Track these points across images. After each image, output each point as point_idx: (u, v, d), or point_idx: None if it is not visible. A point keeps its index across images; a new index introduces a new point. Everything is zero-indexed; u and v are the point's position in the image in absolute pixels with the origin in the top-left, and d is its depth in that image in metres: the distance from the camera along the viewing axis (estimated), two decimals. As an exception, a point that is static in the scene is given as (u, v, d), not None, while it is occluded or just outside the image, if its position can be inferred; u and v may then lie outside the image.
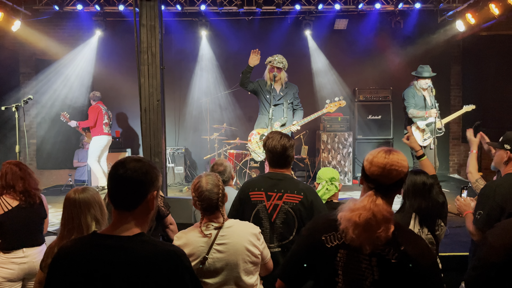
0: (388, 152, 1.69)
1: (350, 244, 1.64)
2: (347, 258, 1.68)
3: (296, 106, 5.67)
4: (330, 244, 1.71)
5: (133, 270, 1.49)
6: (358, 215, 1.61)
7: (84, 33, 8.61)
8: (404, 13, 8.27)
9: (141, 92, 4.85)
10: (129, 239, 1.55)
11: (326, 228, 1.74)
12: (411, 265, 1.60)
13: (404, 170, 1.68)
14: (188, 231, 2.26)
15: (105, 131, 7.20)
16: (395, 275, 1.62)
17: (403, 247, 1.62)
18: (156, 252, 1.53)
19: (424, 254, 1.64)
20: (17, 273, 3.20)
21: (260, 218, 2.60)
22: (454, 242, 4.33)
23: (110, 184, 1.59)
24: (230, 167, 3.49)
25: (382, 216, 1.61)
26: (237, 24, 8.58)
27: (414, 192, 2.60)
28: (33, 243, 3.27)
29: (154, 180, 1.61)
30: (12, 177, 3.20)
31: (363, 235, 1.60)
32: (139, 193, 1.57)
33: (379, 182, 1.67)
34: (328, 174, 3.27)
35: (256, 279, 2.27)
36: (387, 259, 1.62)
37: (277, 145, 2.66)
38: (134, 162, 1.59)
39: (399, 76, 7.89)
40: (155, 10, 4.86)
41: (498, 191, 2.67)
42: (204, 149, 8.57)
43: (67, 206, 2.38)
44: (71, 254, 1.56)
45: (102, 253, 1.52)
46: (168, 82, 5.75)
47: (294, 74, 6.29)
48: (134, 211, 1.58)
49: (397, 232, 1.65)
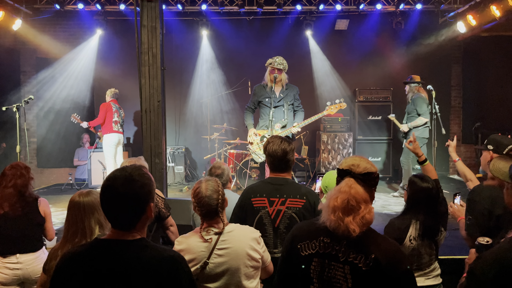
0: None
1: (333, 232, 1.68)
2: (321, 267, 1.71)
3: (297, 108, 5.67)
4: (305, 253, 1.75)
5: (135, 275, 1.51)
6: (335, 198, 1.68)
7: (85, 32, 8.61)
8: (405, 14, 8.27)
9: (141, 93, 4.85)
10: (131, 243, 1.58)
11: (303, 236, 1.79)
12: (383, 273, 1.62)
13: (373, 169, 1.82)
14: (189, 236, 2.27)
15: (114, 129, 7.12)
16: (368, 283, 1.64)
17: (374, 255, 1.64)
18: (156, 257, 1.56)
19: (395, 262, 1.65)
20: (11, 278, 3.15)
21: (264, 224, 2.61)
22: (453, 245, 4.33)
23: (104, 206, 1.60)
24: (228, 170, 3.47)
25: (360, 196, 1.66)
26: (238, 24, 8.58)
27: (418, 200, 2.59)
28: (28, 249, 3.18)
29: (147, 196, 1.61)
30: (8, 183, 3.13)
31: (345, 218, 1.64)
32: (136, 214, 1.60)
33: (351, 171, 1.78)
34: None
35: (257, 284, 2.28)
36: (359, 267, 1.64)
37: (278, 150, 2.67)
38: (126, 184, 1.56)
39: (400, 77, 7.89)
40: (156, 11, 4.85)
41: (483, 194, 2.67)
42: (205, 148, 8.57)
43: (71, 209, 2.38)
44: (74, 260, 1.58)
45: (105, 258, 1.55)
46: (168, 81, 5.75)
47: (294, 74, 6.30)
48: (134, 227, 1.61)
49: (369, 239, 1.68)
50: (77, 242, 2.30)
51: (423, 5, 7.93)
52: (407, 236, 2.57)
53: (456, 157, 3.44)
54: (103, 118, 7.09)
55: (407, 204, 2.67)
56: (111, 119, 7.12)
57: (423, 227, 2.56)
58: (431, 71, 8.71)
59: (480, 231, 2.57)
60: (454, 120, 9.11)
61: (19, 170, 3.17)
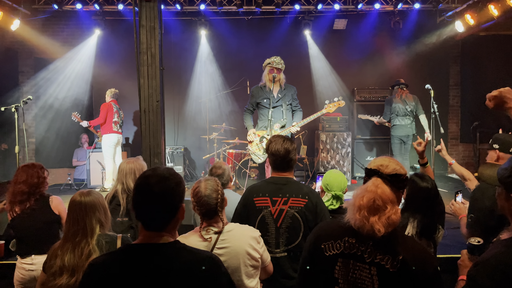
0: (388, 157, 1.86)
1: (358, 231, 1.64)
2: (347, 267, 1.68)
3: (295, 107, 5.68)
4: (329, 253, 1.72)
5: (173, 277, 1.48)
6: (361, 197, 1.66)
7: (83, 32, 8.59)
8: (403, 13, 8.29)
9: (140, 93, 4.85)
10: (165, 246, 1.54)
11: (327, 236, 1.75)
12: (411, 274, 1.59)
13: (402, 171, 1.79)
14: (189, 236, 2.28)
15: (114, 129, 7.13)
16: (395, 284, 1.61)
17: (402, 256, 1.61)
18: (194, 258, 1.53)
19: (424, 263, 1.62)
20: (28, 279, 3.19)
21: (266, 224, 2.61)
22: (451, 243, 4.34)
23: (138, 206, 1.55)
24: (229, 170, 3.49)
25: (386, 196, 1.64)
26: (237, 23, 8.58)
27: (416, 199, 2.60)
28: (44, 250, 3.15)
29: (182, 195, 1.60)
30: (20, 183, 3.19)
31: (371, 218, 1.61)
32: (170, 214, 1.57)
33: (379, 171, 1.78)
34: (338, 186, 2.93)
35: (257, 283, 2.29)
36: (386, 268, 1.62)
37: (280, 149, 2.68)
38: (162, 182, 1.54)
39: (398, 76, 7.90)
40: (154, 11, 4.85)
41: (486, 193, 2.67)
42: (203, 148, 8.58)
43: (72, 209, 2.39)
44: (104, 268, 1.51)
45: (141, 263, 1.49)
46: (167, 81, 5.75)
47: (293, 74, 6.32)
48: (166, 228, 1.57)
49: (396, 239, 1.65)
50: (78, 241, 2.31)
51: (421, 4, 7.94)
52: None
53: (451, 159, 3.44)
54: (104, 118, 7.09)
55: (405, 202, 2.67)
56: (111, 119, 7.12)
57: (421, 226, 2.57)
58: (429, 70, 8.72)
59: (481, 230, 2.56)
60: (453, 119, 9.13)
61: (33, 169, 3.23)
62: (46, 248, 3.17)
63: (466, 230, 2.77)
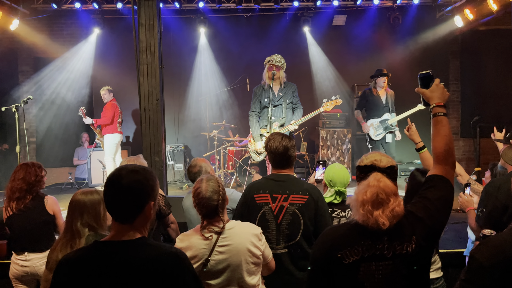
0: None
1: (368, 229, 1.67)
2: (370, 269, 1.67)
3: (295, 105, 5.68)
4: (348, 260, 1.68)
5: (137, 273, 1.51)
6: (364, 192, 1.68)
7: (82, 31, 8.59)
8: (402, 9, 8.27)
9: (140, 92, 4.86)
10: (131, 243, 1.57)
11: (342, 244, 1.71)
12: (427, 244, 1.71)
13: (394, 162, 1.84)
14: (190, 234, 2.29)
15: (118, 130, 7.16)
16: (421, 259, 1.70)
17: (415, 236, 1.69)
18: (158, 254, 1.55)
19: (433, 225, 1.74)
20: (21, 274, 3.27)
21: (266, 220, 2.62)
22: (453, 238, 4.36)
23: (107, 197, 1.59)
24: (206, 165, 3.31)
25: (389, 189, 1.67)
26: (236, 21, 8.57)
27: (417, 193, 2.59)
28: (37, 248, 3.26)
29: (150, 191, 1.62)
30: (16, 182, 3.24)
31: (374, 212, 1.64)
32: (136, 206, 1.58)
33: (375, 166, 1.80)
34: (341, 182, 2.89)
35: (258, 280, 2.30)
36: (409, 253, 1.68)
37: (279, 146, 2.69)
38: (131, 174, 1.58)
39: (398, 71, 7.90)
40: (153, 9, 4.86)
41: (502, 188, 2.64)
42: (204, 146, 8.59)
43: (69, 206, 2.43)
44: (73, 264, 1.56)
45: (105, 259, 1.53)
46: (167, 79, 5.75)
47: (292, 71, 6.30)
48: (133, 222, 1.59)
49: (405, 223, 1.71)
50: (70, 238, 2.34)
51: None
52: None
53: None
54: (111, 118, 7.07)
55: (405, 196, 2.67)
56: (117, 120, 7.15)
57: None
58: (429, 65, 8.68)
59: (491, 225, 2.54)
60: (453, 114, 9.13)
61: (31, 167, 3.29)
62: (39, 246, 3.26)
63: (475, 223, 2.75)
